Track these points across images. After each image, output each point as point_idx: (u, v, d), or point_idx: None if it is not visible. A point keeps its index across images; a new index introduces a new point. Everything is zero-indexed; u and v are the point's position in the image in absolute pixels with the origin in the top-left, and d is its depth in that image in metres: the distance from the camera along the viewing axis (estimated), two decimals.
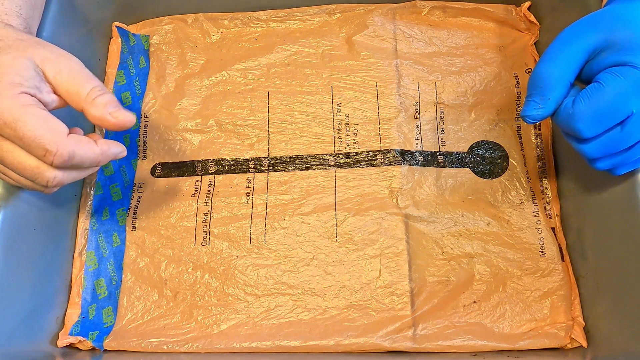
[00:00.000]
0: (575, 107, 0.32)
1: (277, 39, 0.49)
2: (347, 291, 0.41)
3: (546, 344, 0.39)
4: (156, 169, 0.46)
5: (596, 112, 0.31)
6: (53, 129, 0.31)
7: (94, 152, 0.33)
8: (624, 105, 0.31)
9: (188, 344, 0.40)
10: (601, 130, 0.32)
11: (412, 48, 0.49)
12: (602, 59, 0.32)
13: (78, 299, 0.42)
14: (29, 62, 0.32)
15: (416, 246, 0.42)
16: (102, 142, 0.33)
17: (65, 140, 0.31)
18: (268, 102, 0.47)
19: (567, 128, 0.33)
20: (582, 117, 0.32)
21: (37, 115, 0.31)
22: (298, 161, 0.45)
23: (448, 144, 0.46)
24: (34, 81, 0.31)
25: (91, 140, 0.33)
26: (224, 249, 0.43)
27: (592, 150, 0.33)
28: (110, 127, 0.33)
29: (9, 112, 0.30)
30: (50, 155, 0.31)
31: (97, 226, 0.44)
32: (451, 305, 0.41)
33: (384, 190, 0.44)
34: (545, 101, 0.33)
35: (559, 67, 0.33)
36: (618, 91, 0.31)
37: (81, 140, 0.32)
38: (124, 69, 0.49)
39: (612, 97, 0.31)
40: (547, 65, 0.33)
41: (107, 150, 0.34)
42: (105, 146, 0.34)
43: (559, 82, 0.33)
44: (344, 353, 0.40)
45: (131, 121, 0.33)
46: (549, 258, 0.42)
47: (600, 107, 0.31)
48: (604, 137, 0.33)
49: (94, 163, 0.33)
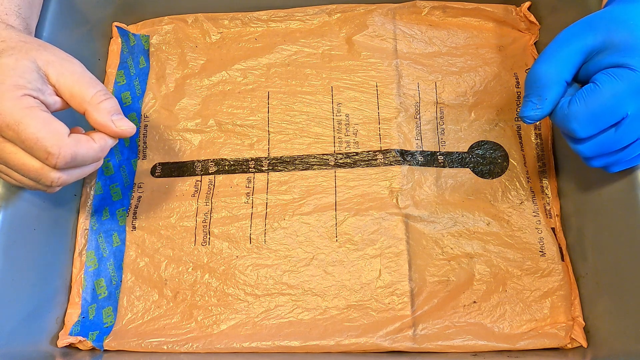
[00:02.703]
0: (570, 108, 0.32)
1: (277, 39, 0.49)
2: (347, 291, 0.41)
3: (546, 344, 0.39)
4: (156, 169, 0.46)
5: (591, 113, 0.32)
6: (55, 131, 0.31)
7: (94, 150, 0.33)
8: (619, 107, 0.31)
9: (188, 344, 0.40)
10: (596, 131, 0.32)
11: (412, 48, 0.49)
12: (599, 60, 0.32)
13: (78, 299, 0.42)
14: (32, 64, 0.32)
15: (416, 246, 0.42)
16: (98, 137, 0.34)
17: (67, 142, 0.31)
18: (268, 102, 0.47)
19: (563, 128, 0.34)
20: (577, 118, 0.32)
21: (39, 118, 0.31)
22: (298, 161, 0.45)
23: (448, 144, 0.46)
24: (36, 83, 0.32)
25: (89, 138, 0.33)
26: (224, 249, 0.43)
27: (587, 150, 0.34)
28: (112, 134, 0.34)
29: (11, 114, 0.30)
30: (52, 158, 0.31)
31: (97, 226, 0.44)
32: (451, 305, 0.41)
33: (384, 190, 0.44)
34: (542, 101, 0.33)
35: (555, 67, 0.33)
36: (613, 93, 0.31)
37: (80, 139, 0.32)
38: (124, 69, 0.49)
39: (607, 98, 0.31)
40: (544, 66, 0.33)
41: (105, 144, 0.34)
42: (103, 141, 0.34)
43: (556, 82, 0.33)
44: (344, 353, 0.40)
45: (132, 132, 0.35)
46: (549, 258, 0.42)
47: (595, 108, 0.31)
48: (598, 137, 0.33)
49: (96, 159, 0.34)
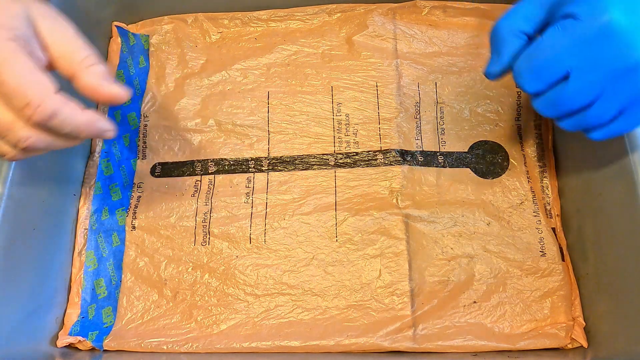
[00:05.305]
0: (517, 62, 0.32)
1: (277, 39, 0.49)
2: (347, 291, 0.41)
3: (546, 344, 0.39)
4: (156, 169, 0.46)
5: (532, 67, 0.31)
6: (40, 81, 0.28)
7: (79, 118, 0.29)
8: (559, 61, 0.30)
9: (188, 344, 0.40)
10: (542, 86, 0.31)
11: (412, 48, 0.49)
12: (555, 12, 0.30)
13: (77, 299, 0.42)
14: (24, 12, 0.29)
15: (416, 246, 0.42)
16: (91, 112, 0.30)
17: (52, 96, 0.28)
18: (268, 102, 0.47)
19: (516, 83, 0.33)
20: (520, 73, 0.32)
21: (26, 64, 0.28)
22: (298, 161, 0.45)
23: (448, 144, 0.46)
24: (24, 31, 0.28)
25: (80, 105, 0.30)
26: (223, 248, 0.43)
27: (540, 106, 0.33)
28: (102, 98, 0.30)
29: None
30: (30, 108, 0.27)
31: (97, 226, 0.44)
32: (451, 305, 0.41)
33: (384, 190, 0.44)
34: (500, 56, 0.33)
35: (512, 21, 0.32)
36: (554, 45, 0.29)
37: (68, 101, 0.29)
38: (123, 68, 0.49)
39: (548, 51, 0.30)
40: (502, 20, 0.32)
41: (95, 122, 0.30)
42: (94, 117, 0.30)
43: (512, 36, 0.32)
44: (344, 353, 0.40)
45: (124, 96, 0.31)
46: (549, 258, 0.42)
47: (534, 62, 0.31)
48: (548, 93, 0.32)
49: (76, 130, 0.29)
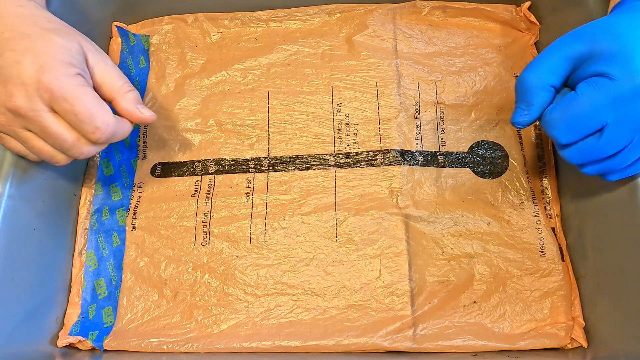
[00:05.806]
0: (551, 115, 0.33)
1: (277, 39, 0.49)
2: (347, 291, 0.41)
3: (546, 344, 0.39)
4: (156, 169, 0.46)
5: (569, 120, 0.32)
6: (105, 109, 0.35)
7: (125, 130, 0.37)
8: (597, 116, 0.31)
9: (188, 344, 0.40)
10: (576, 138, 0.33)
11: (412, 48, 0.49)
12: (584, 69, 0.32)
13: (78, 298, 0.42)
14: (80, 48, 0.35)
15: (416, 246, 0.42)
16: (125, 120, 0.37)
17: (112, 121, 0.35)
18: (268, 102, 0.47)
19: (547, 134, 0.34)
20: (556, 125, 0.33)
21: (92, 95, 0.34)
22: (298, 161, 0.45)
23: (448, 144, 0.46)
24: (83, 65, 0.35)
25: (124, 119, 0.37)
26: (223, 249, 0.43)
27: (570, 156, 0.34)
28: (136, 120, 0.37)
29: (68, 88, 0.33)
30: (99, 133, 0.34)
31: (97, 226, 0.44)
32: (451, 305, 0.41)
33: (384, 190, 0.44)
34: (529, 107, 0.34)
35: (541, 73, 0.33)
36: (591, 102, 0.31)
37: (119, 119, 0.36)
38: (123, 68, 0.49)
39: (585, 107, 0.31)
40: (530, 72, 0.34)
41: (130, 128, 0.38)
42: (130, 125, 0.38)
43: (541, 88, 0.34)
44: (344, 353, 0.40)
45: (153, 118, 0.38)
46: (549, 258, 0.42)
47: (572, 116, 0.32)
48: (580, 144, 0.33)
49: (121, 139, 0.37)
